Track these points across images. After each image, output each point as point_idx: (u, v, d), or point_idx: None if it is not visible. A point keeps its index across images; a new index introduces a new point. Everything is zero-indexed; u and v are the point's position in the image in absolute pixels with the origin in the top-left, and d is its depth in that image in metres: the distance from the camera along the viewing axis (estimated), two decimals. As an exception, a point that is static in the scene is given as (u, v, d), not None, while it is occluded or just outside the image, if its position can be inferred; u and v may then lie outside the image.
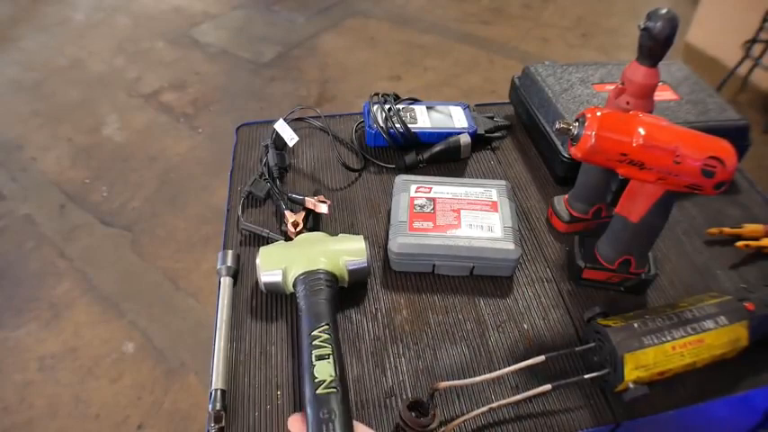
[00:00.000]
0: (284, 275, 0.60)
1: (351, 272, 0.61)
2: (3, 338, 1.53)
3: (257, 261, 0.61)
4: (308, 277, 0.58)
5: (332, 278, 0.59)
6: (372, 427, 0.54)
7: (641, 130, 0.51)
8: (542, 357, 0.56)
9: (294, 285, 0.59)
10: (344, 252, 0.61)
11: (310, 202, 0.72)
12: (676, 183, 0.54)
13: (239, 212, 0.74)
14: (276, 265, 0.60)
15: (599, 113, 0.52)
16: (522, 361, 0.56)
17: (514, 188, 0.80)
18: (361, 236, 0.64)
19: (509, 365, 0.56)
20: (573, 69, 0.87)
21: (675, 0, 2.89)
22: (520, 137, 0.91)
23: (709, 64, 2.67)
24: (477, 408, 0.53)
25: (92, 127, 2.27)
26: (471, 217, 0.67)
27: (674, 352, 0.53)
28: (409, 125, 0.83)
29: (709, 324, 0.55)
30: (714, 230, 0.74)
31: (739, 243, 0.72)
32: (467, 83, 2.59)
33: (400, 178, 0.73)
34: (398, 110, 0.84)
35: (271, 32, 2.93)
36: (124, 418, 1.37)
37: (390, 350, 0.61)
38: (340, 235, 0.66)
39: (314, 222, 0.74)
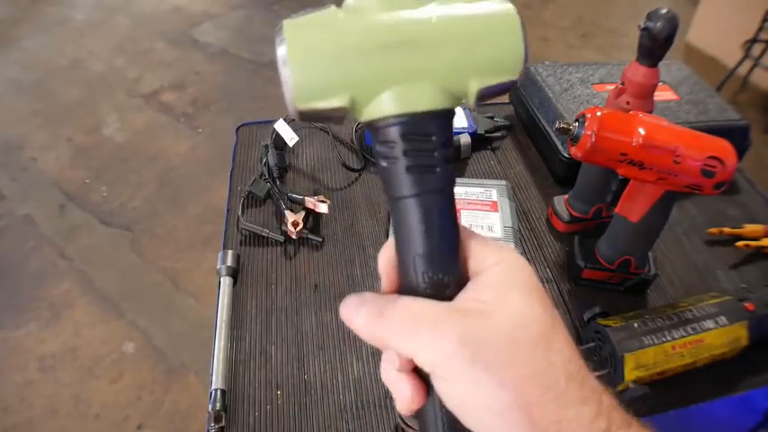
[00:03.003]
0: (352, 105, 0.26)
1: (482, 97, 0.28)
2: (3, 338, 1.53)
3: (282, 54, 0.27)
4: (409, 128, 0.26)
5: (449, 122, 0.27)
6: (372, 428, 0.54)
7: (641, 130, 0.51)
8: (542, 357, 0.56)
9: (372, 129, 0.27)
10: (476, 67, 0.27)
11: (310, 201, 0.72)
12: (676, 183, 0.54)
13: (239, 212, 0.74)
14: (331, 84, 0.26)
15: (599, 113, 0.52)
16: (522, 361, 0.56)
17: (514, 188, 0.80)
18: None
19: (509, 365, 0.56)
20: (573, 69, 0.87)
21: (675, 0, 2.89)
22: (520, 137, 0.91)
23: (709, 64, 2.67)
24: (477, 408, 0.53)
25: (92, 127, 2.27)
26: (471, 217, 0.67)
27: (674, 352, 0.53)
28: (409, 125, 0.82)
29: (708, 324, 0.55)
30: (714, 230, 0.74)
31: (739, 243, 0.72)
32: (467, 83, 2.58)
33: (400, 178, 0.73)
34: (398, 110, 0.84)
35: (271, 32, 2.88)
36: (124, 418, 1.37)
37: (390, 350, 0.60)
38: None
39: (314, 222, 0.74)
